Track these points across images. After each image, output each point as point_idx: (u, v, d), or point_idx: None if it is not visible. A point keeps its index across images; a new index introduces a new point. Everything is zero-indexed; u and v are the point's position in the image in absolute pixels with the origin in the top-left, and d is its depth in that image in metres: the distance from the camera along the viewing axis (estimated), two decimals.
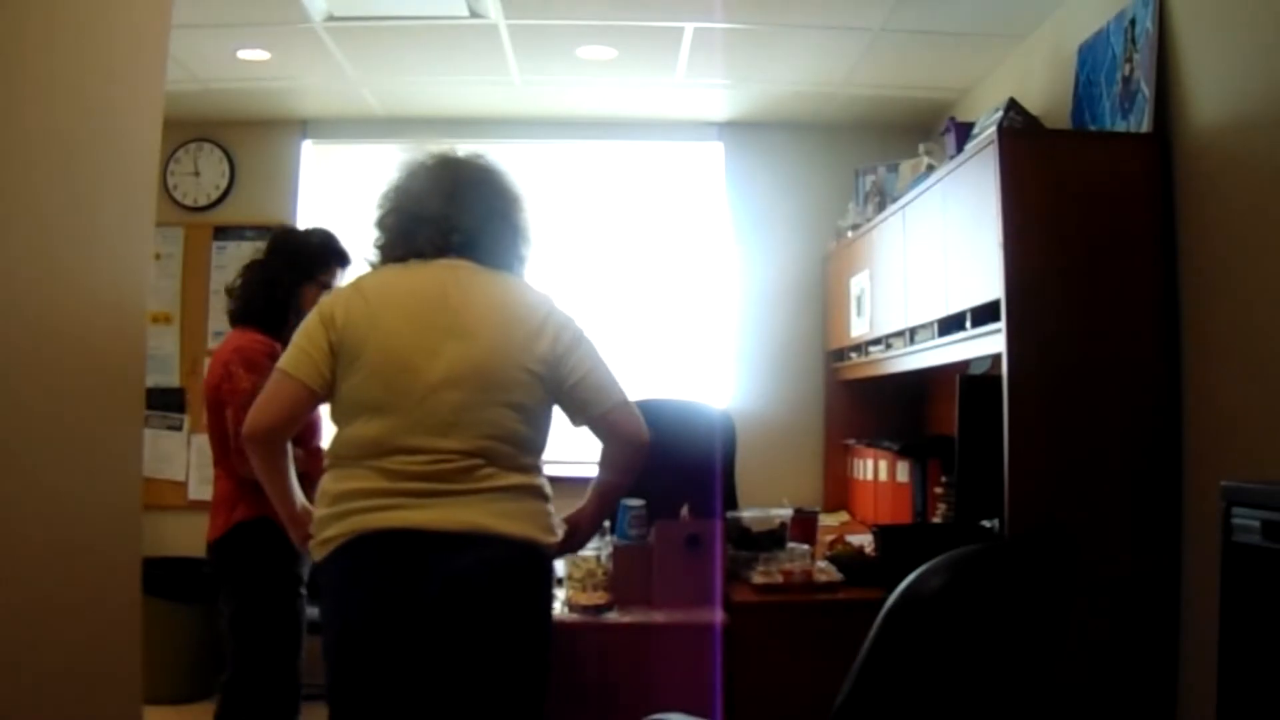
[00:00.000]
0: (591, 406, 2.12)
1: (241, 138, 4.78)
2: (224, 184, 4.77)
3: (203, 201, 4.76)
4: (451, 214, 2.14)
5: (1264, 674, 1.65)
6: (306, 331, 2.08)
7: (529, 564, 2.05)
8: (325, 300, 2.13)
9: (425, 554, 1.96)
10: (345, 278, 2.81)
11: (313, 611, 2.76)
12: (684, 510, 2.84)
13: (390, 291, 2.10)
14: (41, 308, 1.54)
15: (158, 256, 4.59)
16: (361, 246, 2.27)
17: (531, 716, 2.05)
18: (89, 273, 1.69)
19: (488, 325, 2.07)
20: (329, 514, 2.02)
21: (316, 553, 2.04)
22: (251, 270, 2.85)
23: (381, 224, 2.20)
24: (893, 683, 1.73)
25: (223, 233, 4.73)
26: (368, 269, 2.23)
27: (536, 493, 2.09)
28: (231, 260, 4.64)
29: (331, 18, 3.57)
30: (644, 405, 2.22)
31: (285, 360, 2.07)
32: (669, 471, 2.99)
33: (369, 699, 1.97)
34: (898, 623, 1.73)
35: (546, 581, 2.13)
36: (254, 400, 2.09)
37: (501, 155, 2.31)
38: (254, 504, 2.54)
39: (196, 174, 4.77)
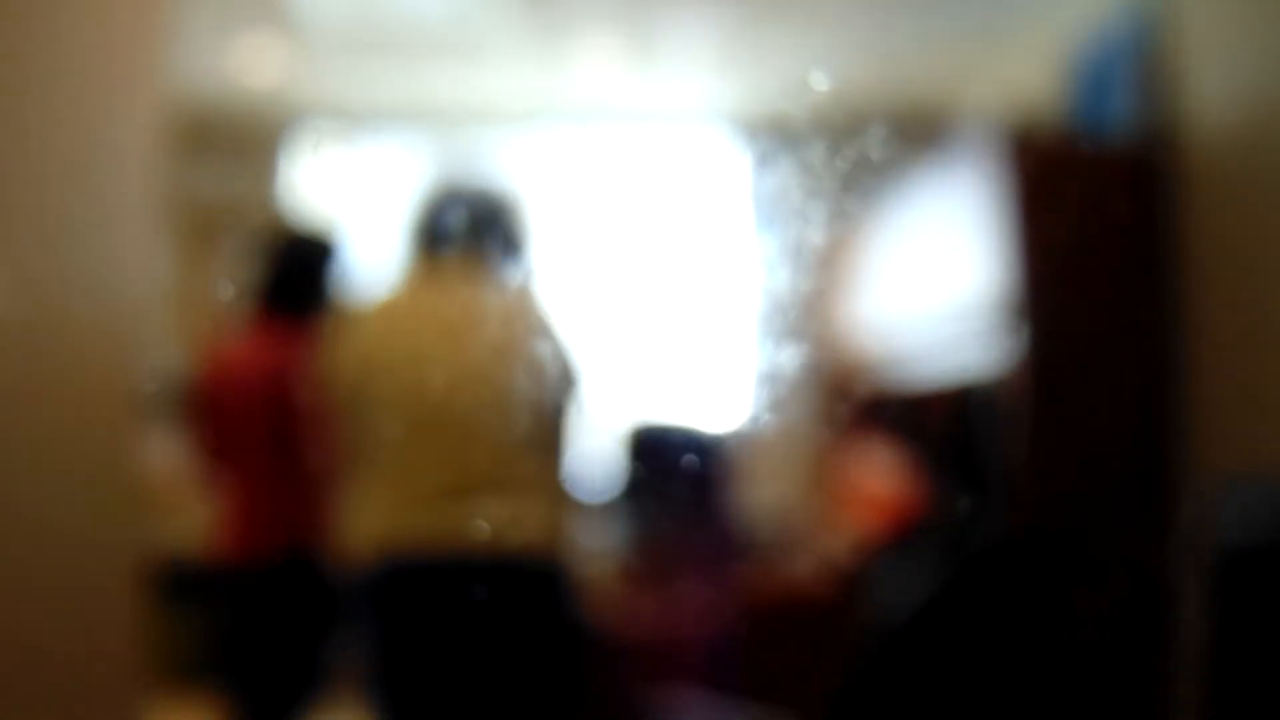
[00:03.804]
0: (566, 410, 2.18)
1: (241, 138, 4.78)
2: (224, 184, 4.77)
3: (203, 202, 4.76)
4: (466, 231, 2.20)
5: (1260, 674, 1.66)
6: (323, 358, 2.17)
7: (552, 576, 2.07)
8: (337, 327, 2.19)
9: (449, 575, 1.99)
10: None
11: None
12: (685, 511, 2.84)
13: (401, 308, 2.17)
14: (42, 308, 1.54)
15: (158, 258, 4.59)
16: (365, 266, 2.33)
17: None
18: (88, 274, 1.69)
19: (496, 332, 2.12)
20: (354, 538, 2.06)
21: (344, 565, 2.08)
22: (298, 260, 2.70)
23: (391, 245, 2.28)
24: (893, 683, 1.73)
25: (223, 234, 4.73)
26: (371, 288, 2.32)
27: (560, 499, 2.11)
28: (233, 261, 4.65)
29: (331, 18, 3.57)
30: (645, 406, 2.25)
31: (313, 388, 2.17)
32: (670, 472, 3.00)
33: (406, 708, 2.02)
34: (898, 624, 1.73)
35: (572, 593, 2.15)
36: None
37: (501, 155, 2.35)
38: (326, 525, 2.40)
39: (197, 175, 4.76)
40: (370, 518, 2.03)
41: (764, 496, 3.86)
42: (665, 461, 2.27)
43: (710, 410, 3.79)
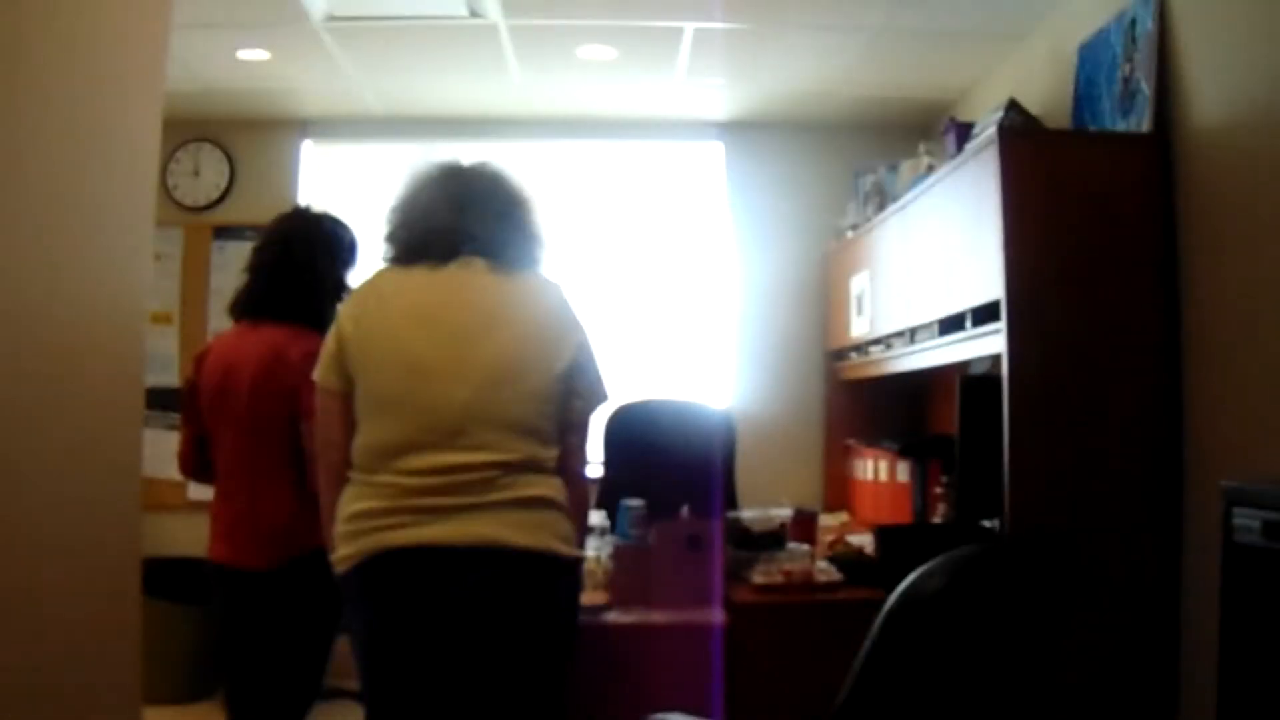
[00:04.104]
0: (586, 410, 2.15)
1: (241, 138, 4.77)
2: (224, 184, 4.77)
3: (202, 202, 4.76)
4: (464, 223, 2.14)
5: (1265, 674, 1.65)
6: (326, 341, 2.13)
7: (545, 575, 2.03)
8: (342, 306, 2.17)
9: (438, 570, 1.96)
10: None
11: None
12: (684, 510, 2.84)
13: (402, 291, 2.11)
14: (41, 308, 1.54)
15: (157, 257, 4.59)
16: (371, 258, 2.28)
17: None
18: (89, 273, 1.69)
19: (504, 325, 2.07)
20: (344, 532, 2.03)
21: (336, 568, 2.06)
22: (295, 256, 2.61)
23: (392, 238, 2.21)
24: (892, 683, 1.73)
25: (222, 233, 4.73)
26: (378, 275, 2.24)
27: (551, 501, 2.06)
28: (231, 260, 4.64)
29: (331, 18, 3.56)
30: (644, 405, 2.23)
31: (316, 372, 2.13)
32: (669, 471, 3.00)
33: (397, 709, 2.01)
34: (897, 623, 1.73)
35: (566, 591, 2.11)
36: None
37: (501, 155, 2.31)
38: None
39: (196, 174, 4.76)
40: (366, 509, 2.02)
41: (761, 492, 3.85)
42: (654, 441, 2.24)
43: (706, 404, 3.79)
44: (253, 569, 2.50)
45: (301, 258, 2.61)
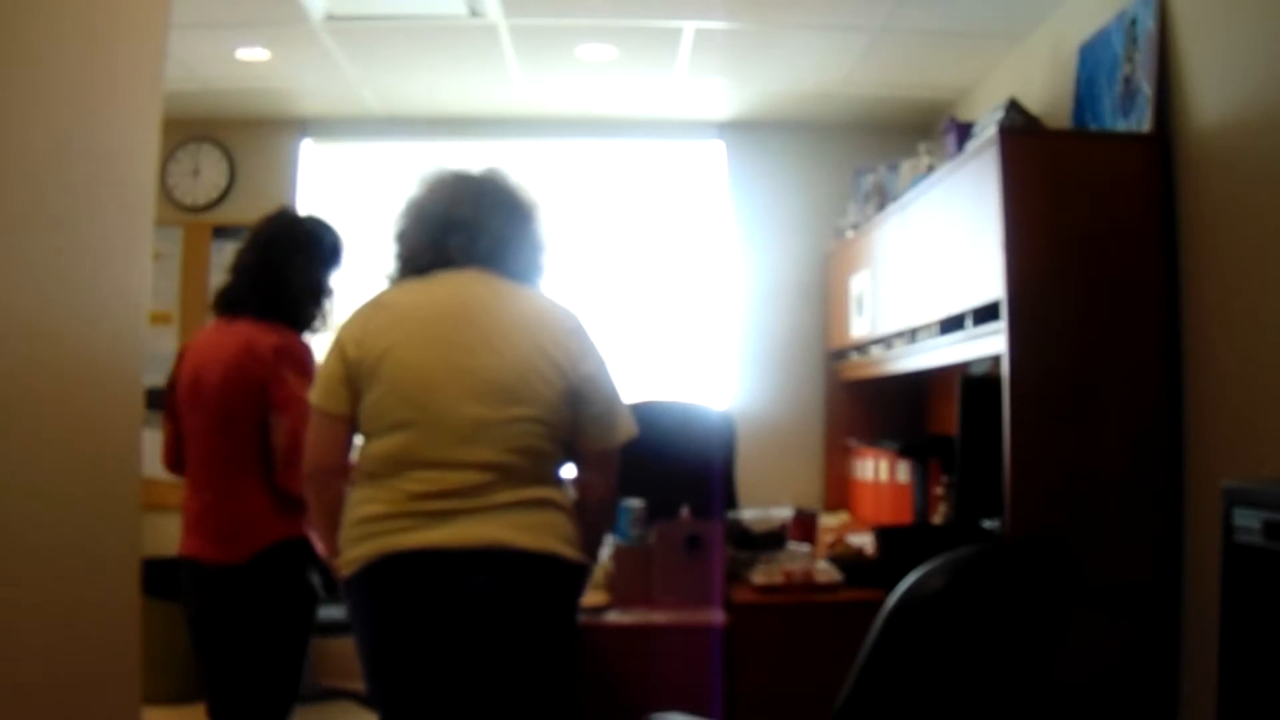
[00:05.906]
0: (602, 441, 2.15)
1: (241, 137, 4.77)
2: (223, 184, 4.77)
3: (202, 201, 4.76)
4: (481, 219, 2.17)
5: (1265, 674, 1.65)
6: (326, 360, 2.13)
7: (549, 577, 2.04)
8: (343, 324, 2.16)
9: (445, 572, 1.97)
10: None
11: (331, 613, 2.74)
12: (684, 511, 2.84)
13: (412, 305, 2.12)
14: (40, 308, 1.54)
15: (157, 257, 4.59)
16: (378, 260, 2.27)
17: None
18: (88, 273, 1.69)
19: (512, 341, 2.07)
20: (352, 535, 2.04)
21: (342, 571, 2.06)
22: (274, 256, 2.63)
23: (403, 236, 2.22)
24: (893, 684, 1.73)
25: (222, 233, 4.73)
26: (385, 283, 2.24)
27: (556, 505, 2.08)
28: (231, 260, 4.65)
29: (331, 17, 3.56)
30: (644, 406, 2.23)
31: (315, 394, 2.12)
32: (669, 472, 2.99)
33: (406, 710, 2.01)
34: (898, 624, 1.73)
35: (569, 593, 2.12)
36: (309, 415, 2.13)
37: (502, 155, 2.33)
38: (294, 521, 2.45)
39: (196, 174, 4.76)
40: (374, 513, 2.02)
41: (762, 492, 3.85)
42: (656, 439, 2.25)
43: (706, 404, 3.78)
44: (220, 563, 2.50)
45: (281, 258, 2.64)
